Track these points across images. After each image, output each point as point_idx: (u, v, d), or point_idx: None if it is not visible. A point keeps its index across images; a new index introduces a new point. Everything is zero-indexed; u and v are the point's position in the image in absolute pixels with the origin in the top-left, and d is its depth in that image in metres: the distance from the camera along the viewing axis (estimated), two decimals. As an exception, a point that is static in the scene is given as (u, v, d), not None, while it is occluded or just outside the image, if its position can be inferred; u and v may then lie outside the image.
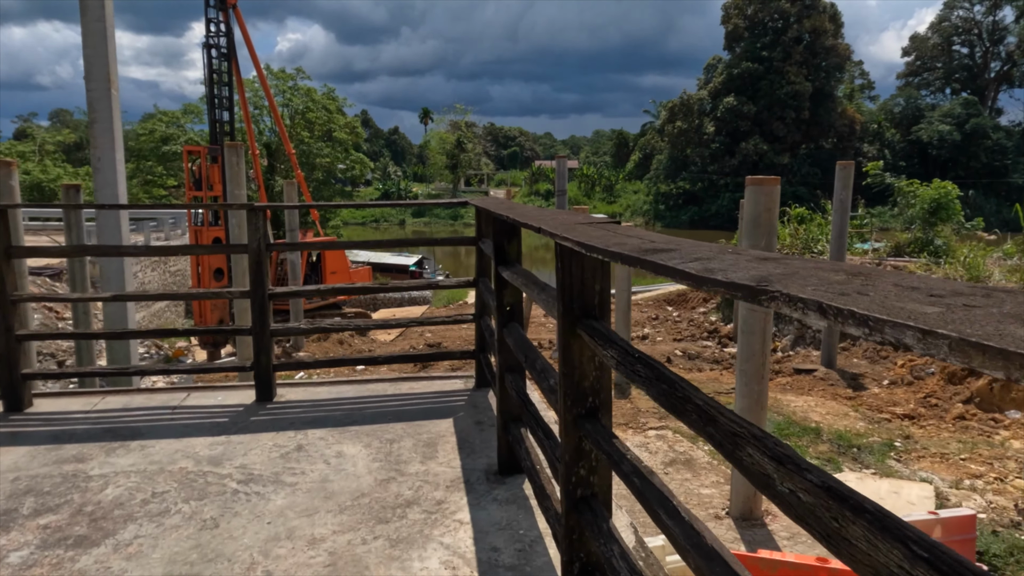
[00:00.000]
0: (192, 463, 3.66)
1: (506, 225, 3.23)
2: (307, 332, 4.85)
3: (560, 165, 16.25)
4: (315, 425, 4.25)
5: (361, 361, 5.02)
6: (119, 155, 5.40)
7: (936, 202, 16.40)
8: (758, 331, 7.25)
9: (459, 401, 4.63)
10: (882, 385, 13.12)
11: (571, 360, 1.91)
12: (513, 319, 3.33)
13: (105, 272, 5.55)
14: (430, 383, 5.00)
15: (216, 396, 4.73)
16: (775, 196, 7.09)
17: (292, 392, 4.81)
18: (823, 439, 10.14)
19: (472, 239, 4.80)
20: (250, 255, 4.49)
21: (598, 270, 1.88)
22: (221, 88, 20.64)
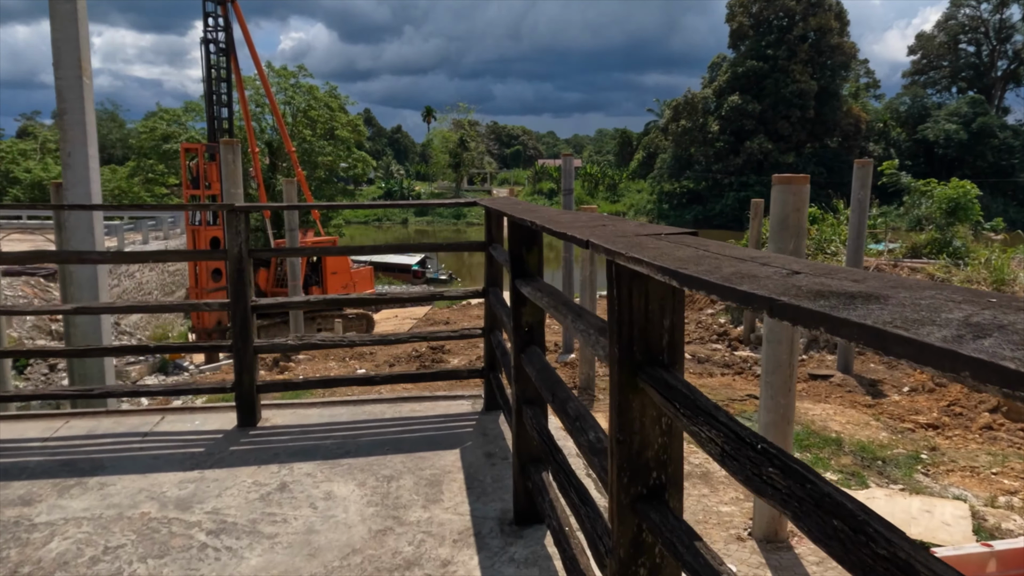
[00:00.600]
0: (157, 507, 3.13)
1: (525, 231, 2.76)
2: (294, 349, 4.33)
3: (566, 163, 15.77)
4: (303, 457, 3.73)
5: (357, 381, 4.48)
6: (92, 150, 4.89)
7: (955, 202, 15.87)
8: (785, 340, 6.72)
9: (466, 427, 4.10)
10: (902, 392, 12.59)
11: (629, 422, 1.39)
12: (533, 342, 2.83)
13: (76, 279, 5.04)
14: (434, 404, 4.47)
15: (194, 420, 4.20)
16: (804, 196, 6.57)
17: (279, 415, 4.29)
18: (845, 451, 9.61)
19: (481, 244, 4.28)
20: (230, 262, 3.98)
21: (668, 300, 1.37)
22: (220, 84, 20.17)
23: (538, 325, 2.86)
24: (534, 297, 2.46)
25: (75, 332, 5.09)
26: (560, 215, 2.23)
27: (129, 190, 46.17)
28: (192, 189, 19.47)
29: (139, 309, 4.42)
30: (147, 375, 16.68)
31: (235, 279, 3.97)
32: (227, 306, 4.02)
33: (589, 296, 11.99)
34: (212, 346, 4.30)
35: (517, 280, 2.83)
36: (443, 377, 4.58)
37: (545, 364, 2.52)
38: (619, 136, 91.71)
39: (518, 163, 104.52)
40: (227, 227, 3.91)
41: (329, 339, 4.31)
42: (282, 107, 43.56)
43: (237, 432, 4.09)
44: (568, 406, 1.99)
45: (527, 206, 3.05)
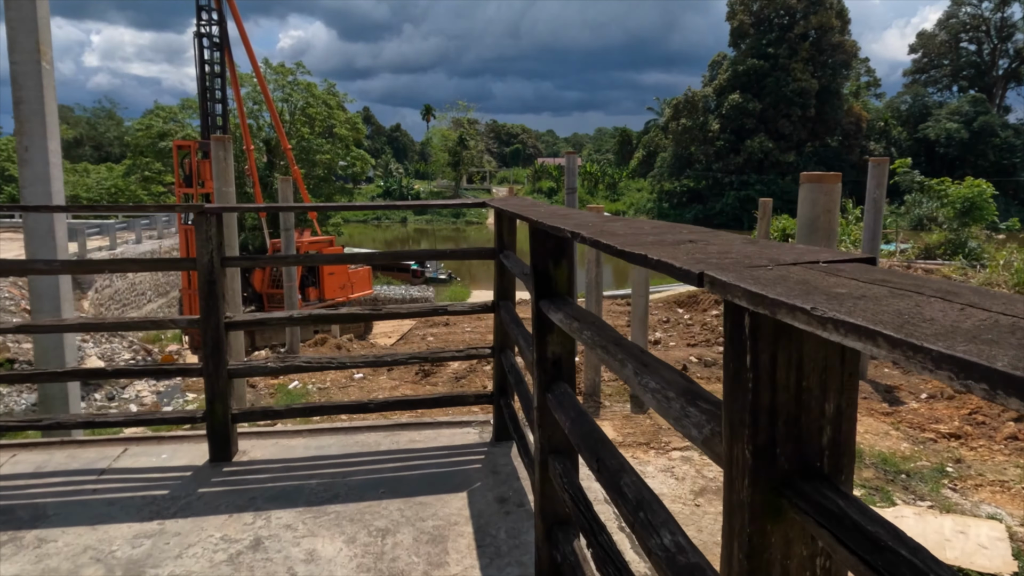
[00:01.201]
0: (103, 572, 2.58)
1: (553, 241, 2.26)
2: (274, 372, 3.77)
3: (570, 161, 15.25)
4: (283, 502, 3.17)
5: (348, 409, 3.96)
6: (53, 144, 4.34)
7: (970, 201, 15.37)
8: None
9: (473, 463, 3.55)
10: (920, 399, 12.08)
11: (763, 557, 0.86)
12: (561, 378, 2.30)
13: (36, 290, 4.47)
14: (436, 433, 3.91)
15: (161, 452, 3.65)
16: (836, 196, 6.05)
17: (259, 446, 3.72)
18: (866, 463, 9.08)
19: (491, 251, 3.74)
20: (200, 272, 3.43)
21: (834, 371, 0.84)
22: (214, 80, 19.61)
23: (568, 357, 2.33)
24: (568, 326, 1.93)
25: (37, 349, 4.53)
26: (609, 223, 1.71)
27: (126, 188, 45.76)
28: (185, 187, 18.93)
29: (93, 327, 3.85)
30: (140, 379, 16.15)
31: (206, 292, 3.42)
32: (196, 323, 3.48)
33: (595, 300, 11.45)
34: (179, 369, 3.63)
35: (543, 302, 2.31)
36: (446, 403, 4.03)
37: (581, 412, 1.98)
38: (619, 135, 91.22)
39: (517, 162, 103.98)
40: (196, 231, 3.37)
41: (316, 360, 3.74)
42: (280, 105, 43.06)
43: (209, 469, 3.54)
44: (623, 482, 1.45)
45: (552, 209, 2.52)
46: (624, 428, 10.56)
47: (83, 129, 76.97)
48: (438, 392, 3.71)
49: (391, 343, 18.84)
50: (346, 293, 22.34)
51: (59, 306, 4.39)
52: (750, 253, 1.00)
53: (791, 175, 61.03)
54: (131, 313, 22.80)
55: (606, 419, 10.30)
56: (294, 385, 11.69)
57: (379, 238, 61.38)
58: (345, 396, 11.29)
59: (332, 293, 21.64)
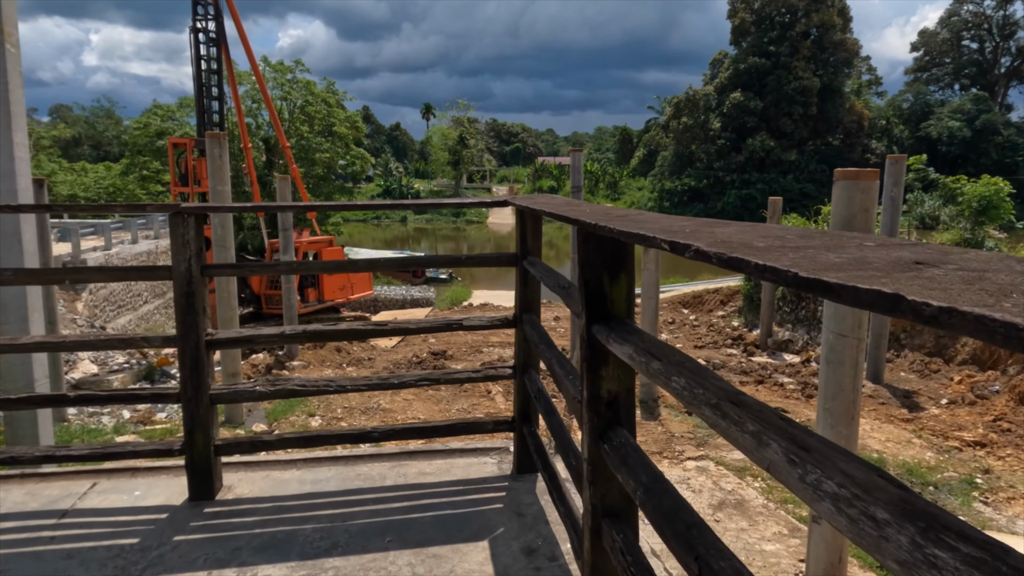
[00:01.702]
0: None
1: (613, 250, 1.82)
2: (261, 397, 3.26)
3: (575, 159, 14.84)
4: (272, 554, 2.67)
5: (349, 438, 3.35)
6: (19, 136, 3.86)
7: (986, 200, 14.87)
8: (848, 361, 5.73)
9: (494, 501, 3.06)
10: (940, 405, 11.64)
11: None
12: (618, 422, 1.86)
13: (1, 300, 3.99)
14: (449, 463, 3.43)
15: (134, 488, 3.17)
16: (873, 194, 5.59)
17: (246, 481, 3.23)
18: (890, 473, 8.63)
19: (512, 256, 3.27)
20: (176, 283, 2.99)
21: None
22: (210, 77, 19.17)
23: (626, 395, 1.88)
24: (644, 366, 1.47)
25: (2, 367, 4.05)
26: (714, 226, 1.26)
27: (124, 188, 45.38)
28: (181, 186, 18.50)
29: (52, 347, 3.33)
30: (131, 384, 15.65)
31: (183, 306, 2.96)
32: (172, 341, 3.01)
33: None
34: (153, 395, 3.07)
35: (596, 327, 1.87)
36: (460, 431, 3.49)
37: (656, 475, 1.50)
38: (619, 134, 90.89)
39: (518, 160, 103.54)
40: (172, 236, 2.90)
41: (311, 383, 3.21)
42: (279, 103, 42.64)
43: (188, 510, 3.06)
44: None
45: (602, 209, 2.05)
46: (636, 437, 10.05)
47: (81, 128, 76.57)
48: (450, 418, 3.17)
49: (392, 345, 18.39)
50: (346, 294, 21.88)
51: (25, 317, 3.91)
52: None
53: (792, 174, 60.69)
54: (126, 315, 22.32)
55: (616, 427, 9.84)
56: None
57: (379, 237, 60.91)
58: (344, 400, 10.84)
59: (332, 294, 21.18)
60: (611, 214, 1.75)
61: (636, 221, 1.45)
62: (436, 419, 7.45)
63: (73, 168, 54.11)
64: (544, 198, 2.92)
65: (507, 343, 17.05)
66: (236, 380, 9.42)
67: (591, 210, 1.97)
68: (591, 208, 2.06)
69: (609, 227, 1.33)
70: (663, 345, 1.52)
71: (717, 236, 1.10)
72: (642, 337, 1.67)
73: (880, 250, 0.92)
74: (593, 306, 1.92)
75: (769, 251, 0.89)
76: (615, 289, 1.92)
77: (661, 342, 1.53)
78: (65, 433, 8.66)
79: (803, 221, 18.88)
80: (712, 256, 0.93)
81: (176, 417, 10.65)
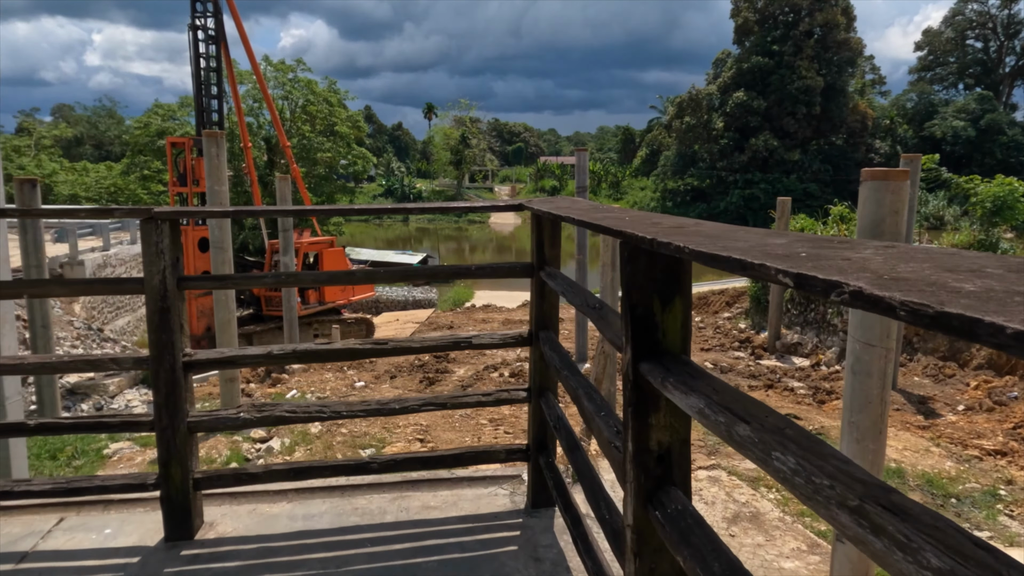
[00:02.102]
0: None
1: (663, 267, 1.55)
2: (248, 425, 2.98)
3: (580, 159, 14.69)
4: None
5: (345, 470, 3.09)
6: None
7: (1000, 200, 14.63)
8: (876, 372, 5.49)
9: (506, 542, 2.79)
10: (957, 411, 11.41)
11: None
12: (671, 480, 1.63)
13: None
14: (455, 494, 3.17)
15: (105, 526, 2.94)
16: (904, 195, 5.34)
17: (229, 516, 2.98)
18: (910, 484, 8.40)
19: (527, 267, 3.02)
20: (148, 297, 2.74)
21: None
22: (209, 75, 18.97)
23: (681, 447, 1.63)
24: (709, 420, 1.29)
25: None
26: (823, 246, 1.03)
27: (125, 187, 45.29)
28: (180, 186, 18.30)
29: (8, 370, 3.03)
30: (127, 388, 15.45)
31: (156, 323, 2.73)
32: (145, 362, 2.75)
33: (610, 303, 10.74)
34: (123, 423, 2.73)
35: (645, 364, 1.58)
36: (468, 461, 3.20)
37: (731, 560, 1.26)
38: (621, 133, 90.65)
39: (520, 160, 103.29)
40: (143, 244, 2.70)
41: (302, 409, 2.91)
42: (280, 103, 42.49)
43: (163, 552, 2.80)
44: None
45: (646, 216, 1.80)
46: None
47: (83, 128, 76.51)
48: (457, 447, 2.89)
49: (394, 347, 18.20)
50: (347, 295, 21.67)
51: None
52: None
53: (796, 173, 60.43)
54: (125, 317, 22.11)
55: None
56: (292, 395, 11.05)
57: (381, 237, 60.75)
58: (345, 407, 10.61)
59: (332, 295, 20.96)
60: (661, 224, 1.51)
61: (708, 236, 1.21)
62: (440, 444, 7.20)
63: (74, 168, 54.07)
64: (565, 201, 2.68)
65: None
66: (234, 385, 9.20)
67: (632, 217, 1.72)
68: (630, 215, 1.81)
69: (679, 245, 1.08)
70: (744, 398, 1.25)
71: (862, 264, 0.87)
72: (712, 384, 1.36)
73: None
74: (641, 338, 1.60)
75: (991, 300, 0.66)
76: (668, 317, 1.60)
77: (740, 393, 1.27)
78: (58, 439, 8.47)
79: (811, 222, 18.66)
80: (902, 308, 0.68)
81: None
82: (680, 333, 1.65)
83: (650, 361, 1.60)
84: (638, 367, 1.62)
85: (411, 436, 9.34)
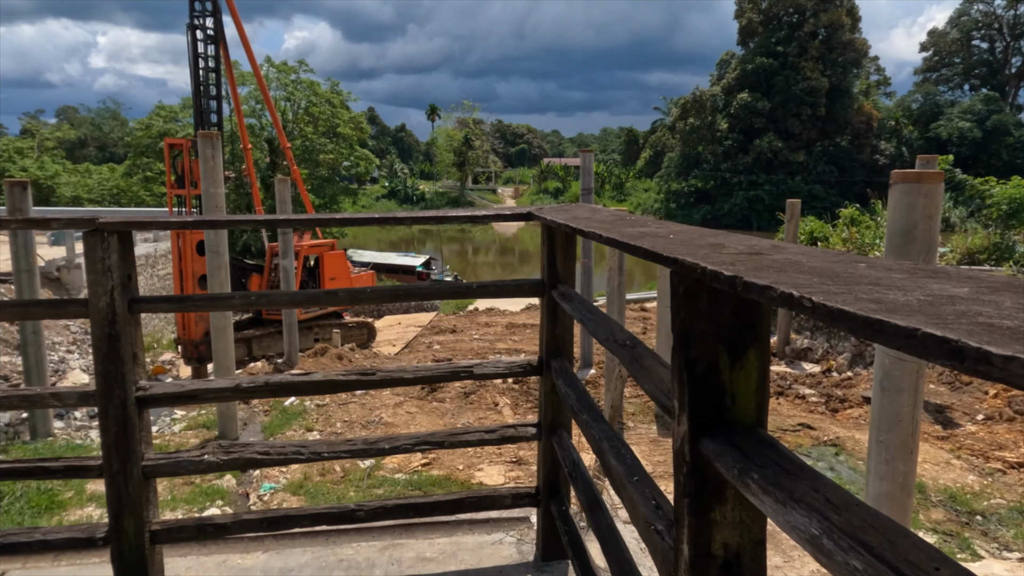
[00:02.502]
0: None
1: (731, 308, 1.20)
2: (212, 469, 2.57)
3: (585, 160, 14.39)
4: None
5: (324, 518, 2.71)
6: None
7: (1017, 202, 14.31)
8: (907, 388, 5.12)
9: None
10: (976, 421, 11.05)
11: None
12: None
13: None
14: (454, 541, 2.80)
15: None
16: (938, 199, 4.99)
17: (195, 570, 2.55)
18: (932, 500, 8.05)
19: (538, 284, 2.69)
20: (94, 322, 2.41)
21: None
22: (208, 75, 18.67)
23: (753, 552, 1.28)
24: (808, 539, 0.91)
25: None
26: None
27: (128, 189, 45.19)
28: (178, 188, 18.00)
29: None
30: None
31: (104, 352, 2.38)
32: (91, 397, 2.39)
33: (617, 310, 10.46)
34: (65, 468, 2.35)
35: (709, 442, 1.23)
36: (469, 508, 2.81)
37: None
38: (625, 135, 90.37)
39: (523, 162, 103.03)
40: (87, 261, 2.33)
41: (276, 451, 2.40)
42: (283, 104, 42.28)
43: None
44: None
45: (683, 230, 1.44)
46: (653, 455, 9.56)
47: (87, 130, 76.45)
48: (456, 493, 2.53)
49: (395, 351, 17.89)
50: (348, 299, 21.33)
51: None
52: None
53: (800, 175, 60.04)
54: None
55: (631, 443, 9.31)
56: (291, 402, 10.74)
57: (383, 238, 60.42)
58: (345, 413, 10.35)
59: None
60: (725, 247, 1.14)
61: (820, 275, 0.84)
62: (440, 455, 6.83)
63: (77, 170, 54.01)
64: (583, 210, 2.32)
65: (514, 350, 16.49)
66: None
67: (677, 234, 1.35)
68: (672, 230, 1.43)
69: (793, 295, 0.72)
70: (884, 521, 0.88)
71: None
72: (821, 486, 0.98)
73: None
74: (702, 405, 1.23)
75: None
76: (739, 376, 1.22)
77: (871, 510, 0.87)
78: (47, 449, 8.15)
79: (820, 224, 18.32)
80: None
81: (168, 431, 10.10)
82: (755, 399, 1.26)
83: (716, 438, 1.22)
84: (698, 445, 1.25)
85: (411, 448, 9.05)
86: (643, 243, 1.27)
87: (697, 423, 1.27)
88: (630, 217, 1.91)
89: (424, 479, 7.24)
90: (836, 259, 1.04)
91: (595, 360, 13.23)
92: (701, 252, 1.11)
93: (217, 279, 9.61)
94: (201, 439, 9.07)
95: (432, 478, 7.29)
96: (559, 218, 2.04)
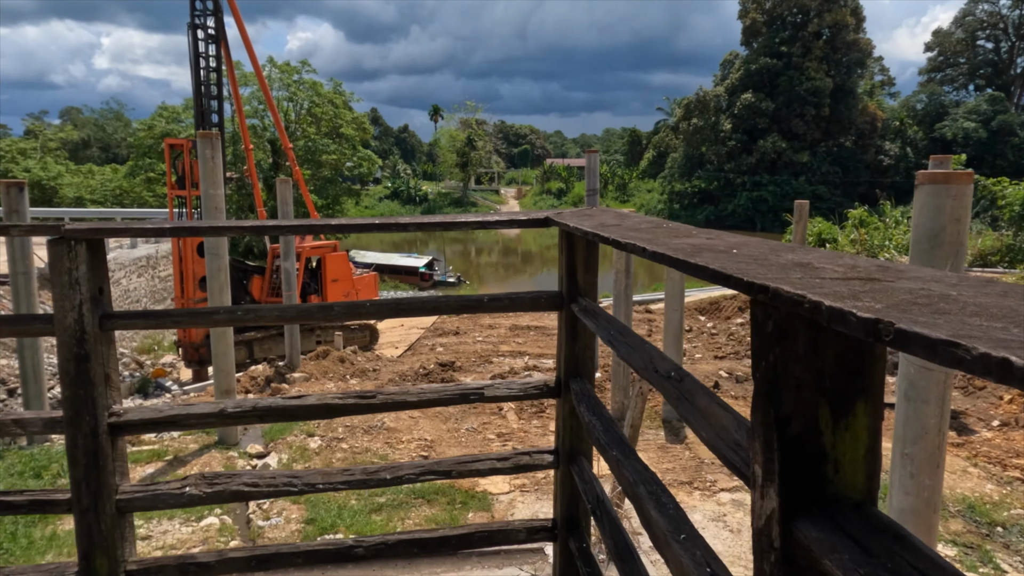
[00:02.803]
0: None
1: (840, 348, 0.89)
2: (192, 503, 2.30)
3: (591, 160, 14.16)
4: None
5: (319, 557, 2.49)
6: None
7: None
8: (934, 399, 4.89)
9: None
10: (992, 427, 10.81)
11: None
12: None
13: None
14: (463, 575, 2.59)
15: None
16: (967, 200, 4.76)
17: None
18: (951, 510, 7.81)
19: (555, 296, 2.47)
20: (60, 341, 2.18)
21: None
22: (209, 75, 18.48)
23: None
24: None
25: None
26: None
27: (131, 190, 45.12)
28: (178, 189, 17.82)
29: None
30: (125, 397, 14.97)
31: (72, 374, 2.16)
32: (57, 424, 2.16)
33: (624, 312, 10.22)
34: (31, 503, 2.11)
35: (808, 525, 0.94)
36: (478, 543, 2.56)
37: None
38: (628, 135, 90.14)
39: (526, 162, 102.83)
40: (52, 273, 2.10)
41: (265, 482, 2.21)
42: (285, 104, 42.15)
43: None
44: None
45: (754, 244, 1.16)
46: (662, 462, 9.33)
47: (90, 130, 76.38)
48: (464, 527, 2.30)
49: (399, 354, 17.69)
50: (350, 300, 21.15)
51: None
52: None
53: (805, 175, 59.75)
54: (125, 321, 21.63)
55: (639, 449, 9.09)
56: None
57: (386, 239, 60.26)
58: (348, 419, 10.13)
59: (336, 300, 20.45)
60: (815, 267, 0.88)
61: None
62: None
63: (80, 170, 53.94)
64: (609, 215, 2.06)
65: (518, 352, 16.28)
66: (230, 398, 8.68)
67: (740, 247, 1.07)
68: (727, 241, 1.16)
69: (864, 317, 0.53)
70: None
71: None
72: None
73: None
74: (796, 474, 0.97)
75: None
76: (845, 439, 0.97)
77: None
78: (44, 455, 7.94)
79: (828, 225, 18.10)
80: None
81: (168, 435, 9.89)
82: (865, 468, 0.98)
83: (817, 521, 0.95)
84: (792, 528, 0.98)
85: (415, 453, 8.84)
86: (705, 261, 1.02)
87: (788, 498, 1.00)
88: (667, 224, 1.68)
89: (427, 487, 7.05)
90: (988, 290, 0.81)
91: (600, 363, 13.02)
92: (794, 276, 0.87)
93: (217, 281, 9.44)
94: (200, 444, 8.87)
95: (435, 486, 7.10)
96: (584, 225, 1.79)
